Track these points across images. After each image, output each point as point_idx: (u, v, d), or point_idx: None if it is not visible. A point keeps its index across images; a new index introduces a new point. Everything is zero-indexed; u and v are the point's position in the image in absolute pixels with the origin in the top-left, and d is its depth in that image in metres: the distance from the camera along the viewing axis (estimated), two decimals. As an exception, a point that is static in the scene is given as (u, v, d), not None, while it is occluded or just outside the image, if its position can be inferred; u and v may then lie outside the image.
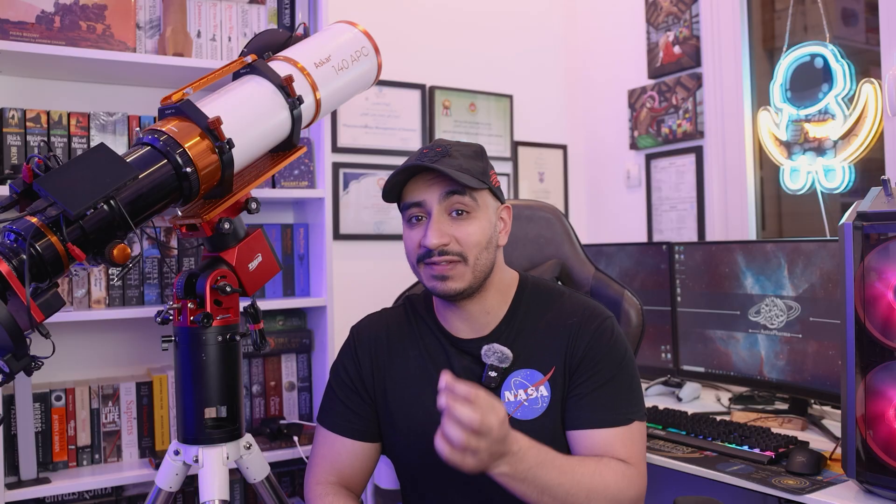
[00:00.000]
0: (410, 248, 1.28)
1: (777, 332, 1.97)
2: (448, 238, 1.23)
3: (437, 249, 1.23)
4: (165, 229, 2.07)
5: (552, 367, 1.29)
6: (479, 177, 1.25)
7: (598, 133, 3.10)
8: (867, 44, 2.28)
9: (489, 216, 1.29)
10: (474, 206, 1.25)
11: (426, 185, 1.25)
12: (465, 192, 1.24)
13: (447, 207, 1.25)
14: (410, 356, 1.36)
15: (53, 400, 1.88)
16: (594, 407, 1.26)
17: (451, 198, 1.24)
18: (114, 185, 1.07)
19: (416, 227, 1.27)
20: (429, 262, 1.25)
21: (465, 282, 1.25)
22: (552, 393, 1.28)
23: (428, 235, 1.23)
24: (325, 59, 1.42)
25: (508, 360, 1.28)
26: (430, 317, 1.37)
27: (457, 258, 1.24)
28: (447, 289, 1.25)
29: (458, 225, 1.25)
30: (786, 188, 2.38)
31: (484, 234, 1.26)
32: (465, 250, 1.24)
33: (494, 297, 1.32)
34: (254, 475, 1.39)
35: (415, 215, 1.27)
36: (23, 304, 1.00)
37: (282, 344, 2.19)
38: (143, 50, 2.04)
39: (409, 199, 1.27)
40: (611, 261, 2.46)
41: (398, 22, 2.73)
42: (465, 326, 1.33)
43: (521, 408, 1.28)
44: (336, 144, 2.58)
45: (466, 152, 1.28)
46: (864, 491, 1.39)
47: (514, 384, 1.29)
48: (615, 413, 1.25)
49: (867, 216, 1.37)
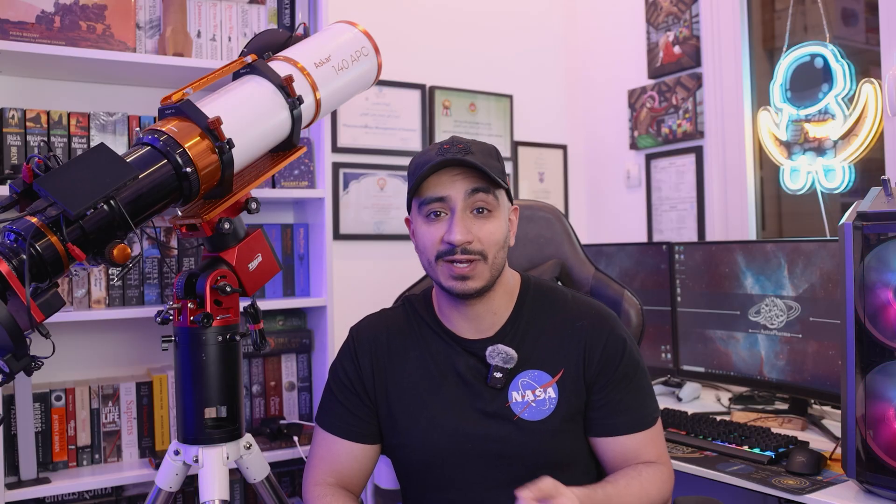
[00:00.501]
0: (429, 243, 1.25)
1: (777, 332, 1.97)
2: (471, 235, 1.23)
3: (461, 246, 1.22)
4: (165, 229, 2.07)
5: (561, 370, 1.30)
6: (499, 175, 1.26)
7: (598, 133, 3.10)
8: (867, 44, 2.28)
9: (505, 216, 1.30)
10: (495, 204, 1.26)
11: (450, 181, 1.24)
12: (489, 189, 1.24)
13: (471, 205, 1.24)
14: (411, 357, 1.35)
15: (53, 400, 1.89)
16: (621, 411, 1.30)
17: (475, 195, 1.24)
18: (114, 185, 1.07)
19: (435, 222, 1.25)
20: (449, 260, 1.23)
21: (484, 280, 1.25)
22: (560, 395, 1.29)
23: (454, 231, 1.22)
24: (325, 59, 1.42)
25: (513, 360, 1.28)
26: (432, 317, 1.37)
27: (477, 257, 1.23)
28: (466, 288, 1.24)
29: (480, 223, 1.24)
30: (786, 188, 2.38)
31: (502, 234, 1.27)
32: (485, 249, 1.24)
33: (501, 297, 1.33)
34: (254, 475, 1.39)
35: (435, 210, 1.25)
36: (23, 304, 1.00)
37: (282, 344, 2.19)
38: (143, 50, 2.04)
39: (431, 194, 1.24)
40: (611, 261, 2.46)
41: (398, 22, 2.73)
42: (470, 327, 1.33)
43: (528, 409, 1.28)
44: (336, 144, 2.58)
45: (485, 150, 1.28)
46: (864, 491, 1.39)
47: (522, 385, 1.29)
48: (642, 416, 1.31)
49: (867, 216, 1.37)
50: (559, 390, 1.29)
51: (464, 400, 1.30)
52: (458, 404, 1.29)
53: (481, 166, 1.22)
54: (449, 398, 1.31)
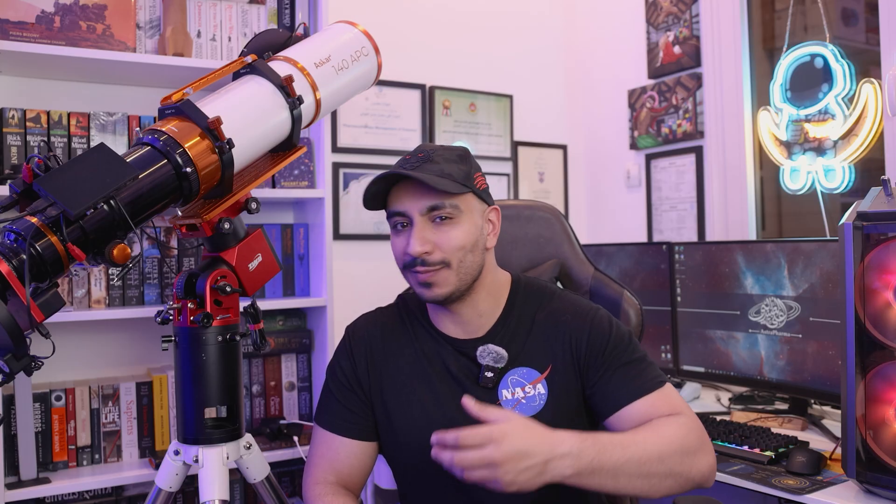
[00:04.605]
0: (398, 253, 1.30)
1: (777, 332, 1.97)
2: (430, 245, 1.25)
3: (419, 258, 1.25)
4: (165, 229, 2.07)
5: (549, 366, 1.31)
6: (461, 181, 1.26)
7: (598, 133, 3.10)
8: (867, 44, 2.28)
9: (474, 219, 1.29)
10: (456, 212, 1.26)
11: (408, 194, 1.27)
12: (444, 203, 1.25)
13: (431, 215, 1.26)
14: (405, 355, 1.36)
15: (53, 400, 1.88)
16: (621, 384, 1.26)
17: (432, 212, 1.26)
18: (114, 185, 1.07)
19: (401, 233, 1.29)
20: (413, 271, 1.27)
21: (451, 286, 1.26)
22: (549, 391, 1.30)
23: (410, 244, 1.25)
24: (325, 59, 1.42)
25: (504, 360, 1.30)
26: (424, 317, 1.39)
27: (438, 266, 1.25)
28: (433, 295, 1.27)
29: (440, 231, 1.26)
30: (786, 188, 2.38)
31: (468, 238, 1.27)
32: (447, 256, 1.25)
33: (486, 299, 1.33)
34: (254, 475, 1.39)
35: (399, 222, 1.29)
36: (23, 304, 1.00)
37: (282, 344, 2.19)
38: (143, 50, 2.04)
39: (391, 208, 1.30)
40: (611, 261, 2.46)
41: (398, 22, 2.73)
42: (458, 329, 1.34)
43: (518, 405, 1.29)
44: (336, 144, 2.58)
45: (449, 156, 1.29)
46: (864, 491, 1.39)
47: (512, 382, 1.30)
48: (643, 383, 1.26)
49: (867, 216, 1.37)
50: (548, 386, 1.30)
51: (456, 399, 1.30)
52: (450, 403, 1.30)
53: (426, 180, 1.22)
54: (441, 397, 1.32)
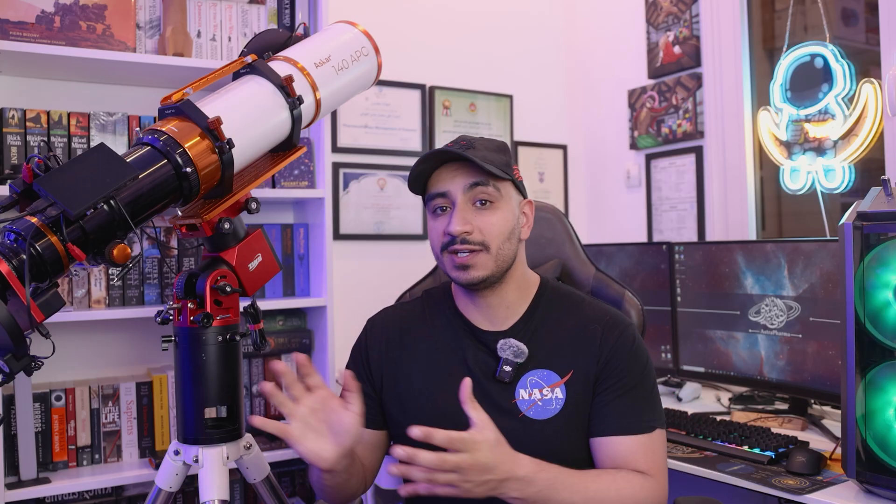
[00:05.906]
0: (435, 236, 1.31)
1: (777, 332, 1.97)
2: (471, 226, 1.26)
3: (459, 237, 1.25)
4: (165, 229, 2.07)
5: (570, 371, 1.30)
6: (502, 168, 1.28)
7: (598, 133, 3.10)
8: (867, 44, 2.28)
9: (512, 208, 1.31)
10: (497, 196, 1.28)
11: (451, 176, 1.28)
12: (488, 182, 1.27)
13: (471, 198, 1.27)
14: (420, 349, 1.37)
15: (53, 400, 1.88)
16: (617, 414, 1.27)
17: (475, 188, 1.27)
18: (114, 185, 1.07)
19: (440, 217, 1.30)
20: (451, 251, 1.27)
21: (488, 270, 1.27)
22: (567, 396, 1.29)
23: (452, 222, 1.26)
24: (325, 59, 1.42)
25: (524, 355, 1.29)
26: (451, 308, 1.39)
27: (478, 247, 1.26)
28: (469, 277, 1.27)
29: (481, 214, 1.27)
30: (786, 188, 2.38)
31: (507, 225, 1.29)
32: (487, 239, 1.26)
33: (514, 291, 1.34)
34: (254, 475, 1.39)
35: (439, 206, 1.30)
36: (23, 304, 1.00)
37: (282, 344, 2.19)
38: (143, 50, 2.04)
39: (433, 190, 1.30)
40: (611, 261, 2.46)
41: (398, 22, 2.73)
42: (484, 318, 1.35)
43: (534, 407, 1.28)
44: (336, 144, 2.58)
45: (490, 146, 1.31)
46: (864, 491, 1.39)
47: (530, 383, 1.30)
48: (638, 420, 1.27)
49: (867, 216, 1.37)
50: (567, 392, 1.29)
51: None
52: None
53: (474, 159, 1.24)
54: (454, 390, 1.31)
